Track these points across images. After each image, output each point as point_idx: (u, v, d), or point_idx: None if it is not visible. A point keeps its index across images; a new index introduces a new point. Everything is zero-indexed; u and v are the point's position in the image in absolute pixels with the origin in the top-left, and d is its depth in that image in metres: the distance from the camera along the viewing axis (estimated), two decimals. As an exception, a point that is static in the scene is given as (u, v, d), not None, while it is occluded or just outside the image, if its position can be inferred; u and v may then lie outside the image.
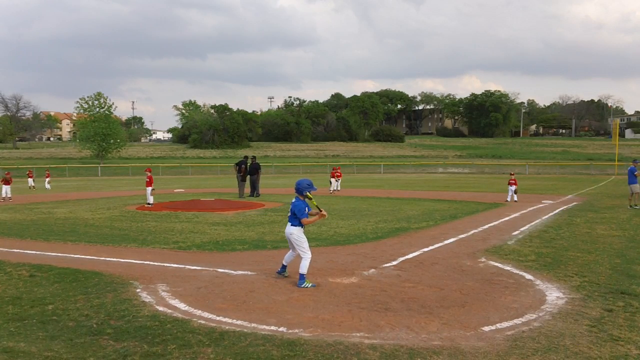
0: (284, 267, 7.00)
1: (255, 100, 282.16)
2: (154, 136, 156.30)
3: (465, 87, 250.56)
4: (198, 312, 5.37)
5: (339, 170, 27.13)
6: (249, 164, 22.21)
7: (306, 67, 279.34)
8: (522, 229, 11.76)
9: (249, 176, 21.92)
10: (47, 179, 32.78)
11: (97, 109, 69.77)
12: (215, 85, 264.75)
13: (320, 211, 6.76)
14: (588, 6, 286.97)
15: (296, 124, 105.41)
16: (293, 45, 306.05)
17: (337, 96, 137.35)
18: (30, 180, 32.33)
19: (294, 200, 6.77)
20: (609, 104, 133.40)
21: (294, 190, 6.80)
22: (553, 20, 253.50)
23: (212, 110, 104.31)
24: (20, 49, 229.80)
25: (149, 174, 18.14)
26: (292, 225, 6.69)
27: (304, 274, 6.52)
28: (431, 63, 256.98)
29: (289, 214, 6.79)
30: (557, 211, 15.67)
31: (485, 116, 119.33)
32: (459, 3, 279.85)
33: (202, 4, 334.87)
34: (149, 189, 17.58)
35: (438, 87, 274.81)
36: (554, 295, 6.02)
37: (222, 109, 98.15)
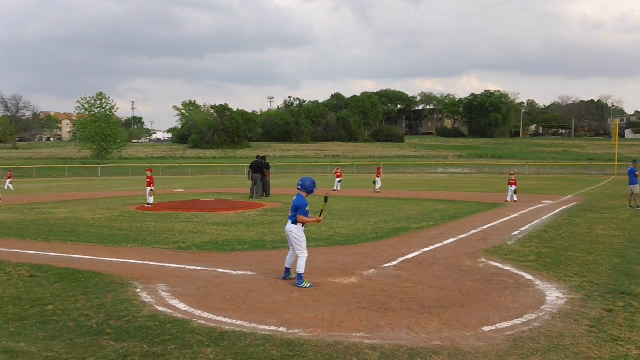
0: (287, 271, 6.91)
1: (253, 100, 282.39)
2: (154, 136, 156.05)
3: (464, 87, 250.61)
4: (198, 312, 5.38)
5: (339, 171, 27.27)
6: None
7: (304, 67, 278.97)
8: (522, 229, 11.76)
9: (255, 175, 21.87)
10: (9, 180, 31.91)
11: (99, 109, 69.73)
12: (213, 85, 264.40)
13: (320, 216, 6.78)
14: (586, 5, 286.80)
15: (296, 124, 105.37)
16: (291, 45, 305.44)
17: (337, 96, 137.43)
18: None
19: (295, 197, 6.74)
20: (609, 104, 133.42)
21: (298, 188, 6.76)
22: (552, 20, 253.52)
23: (212, 111, 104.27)
24: (17, 48, 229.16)
25: (149, 174, 18.14)
26: (292, 222, 6.68)
27: (302, 274, 6.52)
28: (430, 63, 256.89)
29: (290, 213, 6.77)
30: (557, 211, 15.68)
31: (485, 116, 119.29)
32: (457, 2, 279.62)
33: (198, 3, 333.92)
34: (149, 189, 17.59)
35: (437, 87, 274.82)
36: (554, 296, 6.02)
37: (222, 109, 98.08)
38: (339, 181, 26.52)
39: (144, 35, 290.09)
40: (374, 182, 25.55)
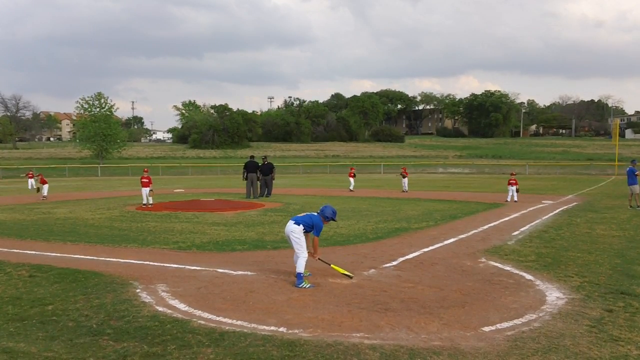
0: None
1: (252, 99, 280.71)
2: (154, 136, 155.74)
3: (463, 87, 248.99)
4: (198, 313, 5.38)
5: (353, 171, 27.75)
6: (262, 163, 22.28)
7: (303, 67, 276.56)
8: (522, 229, 11.75)
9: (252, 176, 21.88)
10: (38, 178, 32.28)
11: (98, 109, 69.69)
12: (212, 85, 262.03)
13: (318, 257, 6.99)
14: (584, 4, 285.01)
15: (296, 124, 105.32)
16: (289, 44, 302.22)
17: (337, 96, 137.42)
18: None
19: (315, 213, 6.93)
20: (609, 104, 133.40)
21: (318, 212, 6.96)
22: (551, 19, 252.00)
23: (212, 111, 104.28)
24: (14, 47, 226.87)
25: (146, 174, 18.16)
26: (294, 223, 6.75)
27: (301, 273, 6.54)
28: (429, 62, 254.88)
29: (299, 215, 6.91)
30: (557, 211, 15.67)
31: (485, 116, 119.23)
32: (455, 1, 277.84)
33: (194, 2, 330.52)
34: (148, 189, 17.60)
35: (435, 86, 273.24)
36: (554, 296, 6.02)
37: (222, 109, 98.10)
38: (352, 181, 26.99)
39: (141, 34, 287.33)
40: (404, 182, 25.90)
